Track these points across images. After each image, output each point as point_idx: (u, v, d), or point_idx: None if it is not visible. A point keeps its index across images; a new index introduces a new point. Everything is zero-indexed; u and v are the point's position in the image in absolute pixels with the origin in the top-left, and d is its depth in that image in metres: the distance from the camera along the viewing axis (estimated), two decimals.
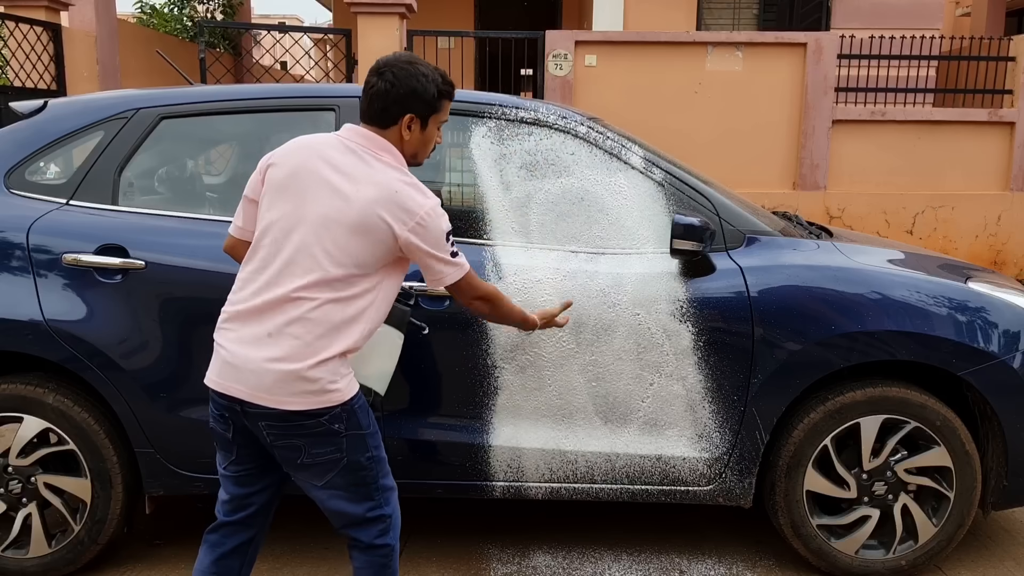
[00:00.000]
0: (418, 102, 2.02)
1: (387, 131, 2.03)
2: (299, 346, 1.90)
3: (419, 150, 2.10)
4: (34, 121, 2.82)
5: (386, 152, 2.01)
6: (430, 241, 1.96)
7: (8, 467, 2.67)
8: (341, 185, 1.94)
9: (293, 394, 1.91)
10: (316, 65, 9.37)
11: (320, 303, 1.91)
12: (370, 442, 2.03)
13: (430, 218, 1.95)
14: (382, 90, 2.01)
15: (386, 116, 2.02)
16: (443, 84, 2.06)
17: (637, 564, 2.95)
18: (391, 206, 1.92)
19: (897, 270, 2.82)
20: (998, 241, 7.52)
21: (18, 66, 6.81)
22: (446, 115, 2.12)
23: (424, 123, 2.05)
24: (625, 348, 2.66)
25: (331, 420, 1.95)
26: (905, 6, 9.31)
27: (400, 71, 2.01)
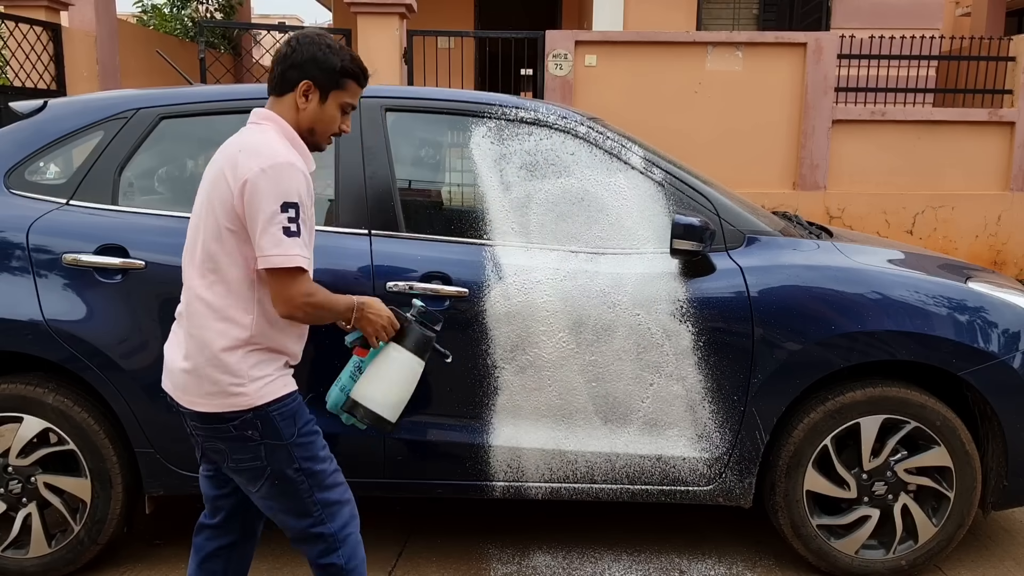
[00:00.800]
0: (316, 69, 1.92)
1: (282, 99, 1.95)
2: (192, 342, 1.87)
3: (316, 125, 1.97)
4: (34, 121, 2.82)
5: (267, 120, 1.93)
6: (253, 205, 1.77)
7: (8, 467, 2.67)
8: (213, 163, 1.90)
9: (200, 395, 1.88)
10: None
11: (197, 289, 1.87)
12: (296, 453, 1.92)
13: (261, 177, 1.77)
14: (282, 54, 1.96)
15: (283, 82, 1.94)
16: (351, 63, 1.97)
17: (637, 564, 2.94)
18: (231, 163, 1.82)
19: (897, 270, 2.82)
20: (998, 241, 7.52)
21: (18, 66, 6.81)
22: (352, 99, 2.01)
23: (323, 96, 1.95)
24: (625, 348, 2.66)
25: (241, 426, 1.87)
26: (905, 6, 9.31)
27: (305, 39, 1.95)
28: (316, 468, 1.96)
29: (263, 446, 1.90)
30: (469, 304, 2.64)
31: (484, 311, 2.63)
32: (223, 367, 1.85)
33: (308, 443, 1.95)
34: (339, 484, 2.02)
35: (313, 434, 1.98)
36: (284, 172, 1.79)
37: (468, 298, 2.63)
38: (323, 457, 1.99)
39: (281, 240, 1.79)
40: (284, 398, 1.92)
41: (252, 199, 1.78)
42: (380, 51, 7.15)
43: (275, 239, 1.78)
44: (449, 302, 2.63)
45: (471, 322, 2.64)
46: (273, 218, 1.78)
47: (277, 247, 1.79)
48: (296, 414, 1.94)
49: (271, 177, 1.78)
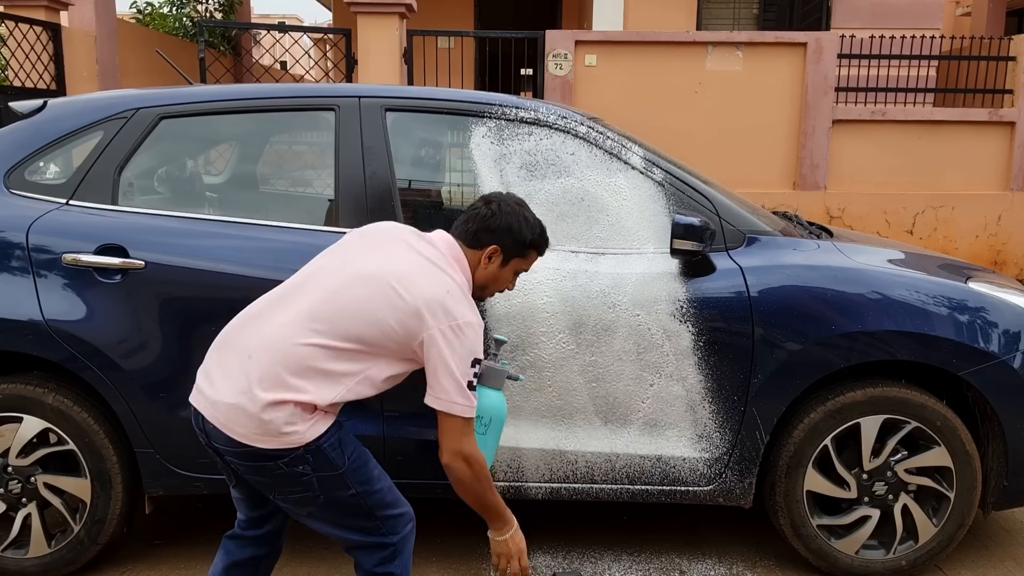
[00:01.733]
0: (509, 239, 2.06)
1: (470, 252, 2.07)
2: (258, 376, 1.83)
3: (489, 284, 2.11)
4: (34, 121, 2.82)
5: (458, 265, 2.02)
6: (454, 349, 1.88)
7: (8, 467, 2.67)
8: (405, 263, 1.93)
9: (247, 430, 1.82)
10: (316, 65, 9.37)
11: (300, 338, 1.84)
12: (351, 478, 1.93)
13: (468, 328, 1.90)
14: (483, 215, 2.06)
15: (474, 239, 2.06)
16: (539, 237, 2.12)
17: (637, 564, 2.94)
18: (434, 303, 1.88)
19: (897, 270, 2.82)
20: (998, 241, 7.52)
21: (18, 66, 6.81)
22: (528, 266, 2.16)
23: (506, 260, 2.09)
24: (625, 348, 2.66)
25: (292, 463, 1.85)
26: (905, 6, 9.31)
27: (507, 207, 2.08)
28: (374, 488, 1.98)
29: (315, 478, 1.89)
30: None
31: (483, 311, 2.63)
32: (275, 414, 1.82)
33: (360, 467, 1.96)
34: (398, 499, 2.05)
35: (364, 456, 1.99)
36: (478, 332, 1.92)
37: None
38: (377, 476, 2.00)
39: (467, 392, 1.91)
40: (330, 428, 1.91)
41: (450, 346, 1.87)
42: (380, 51, 7.16)
43: (461, 388, 1.89)
44: None
45: None
46: (464, 370, 1.89)
47: (462, 396, 1.90)
48: (343, 442, 1.94)
49: (471, 335, 1.90)
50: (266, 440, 1.83)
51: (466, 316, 1.90)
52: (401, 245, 1.99)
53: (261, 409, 1.80)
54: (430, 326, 1.86)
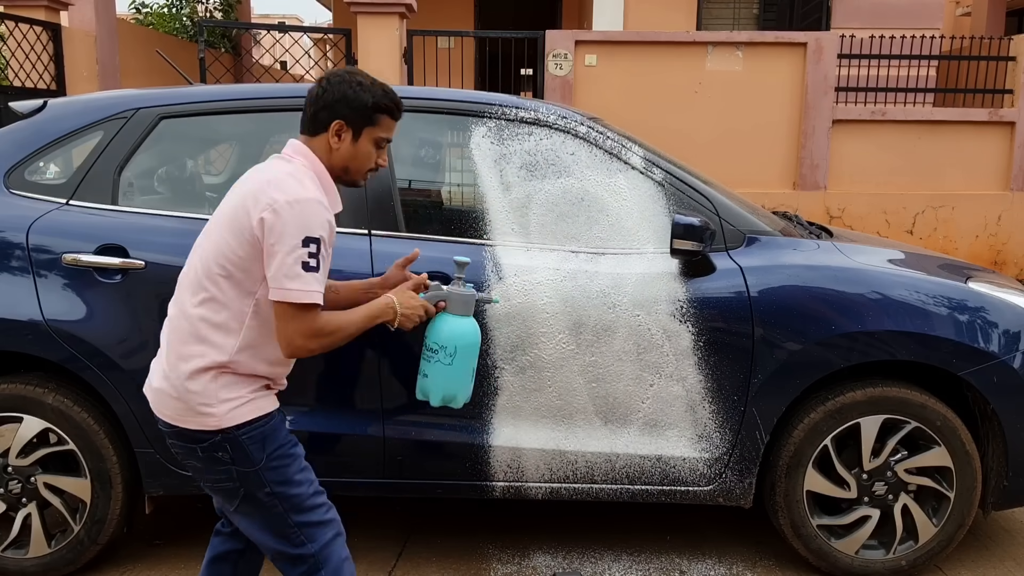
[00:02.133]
0: (348, 108, 1.91)
1: (315, 139, 1.94)
2: (172, 355, 1.86)
3: (350, 164, 1.96)
4: (34, 121, 2.82)
5: (299, 156, 1.92)
6: (276, 231, 1.76)
7: (8, 467, 2.67)
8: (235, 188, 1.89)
9: (172, 410, 1.86)
10: (316, 65, 9.37)
11: (186, 306, 1.85)
12: (268, 477, 1.86)
13: (286, 209, 1.76)
14: (314, 94, 1.94)
15: (315, 122, 1.93)
16: (384, 98, 1.95)
17: (637, 564, 2.94)
18: (256, 193, 1.81)
19: (897, 270, 2.82)
20: (998, 241, 7.52)
21: (18, 66, 6.81)
22: (387, 133, 1.99)
23: (356, 134, 1.94)
24: (625, 349, 2.66)
25: (210, 447, 1.84)
26: (905, 6, 9.31)
27: (335, 78, 1.93)
28: (291, 492, 1.90)
29: (234, 470, 1.86)
30: None
31: (484, 311, 2.63)
32: (194, 385, 1.83)
33: (281, 467, 1.89)
34: (319, 505, 1.95)
35: (287, 457, 1.91)
36: (309, 208, 1.78)
37: None
38: (299, 480, 1.92)
39: (299, 274, 1.77)
40: (254, 421, 1.86)
41: (273, 230, 1.76)
42: (380, 51, 7.16)
43: (293, 272, 1.76)
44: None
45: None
46: (293, 251, 1.76)
47: (294, 281, 1.77)
48: (267, 438, 1.88)
49: (296, 211, 1.77)
50: (187, 419, 1.84)
51: (294, 194, 1.78)
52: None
53: (179, 384, 1.83)
54: (252, 216, 1.78)
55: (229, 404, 1.84)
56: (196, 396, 1.83)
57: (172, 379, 1.85)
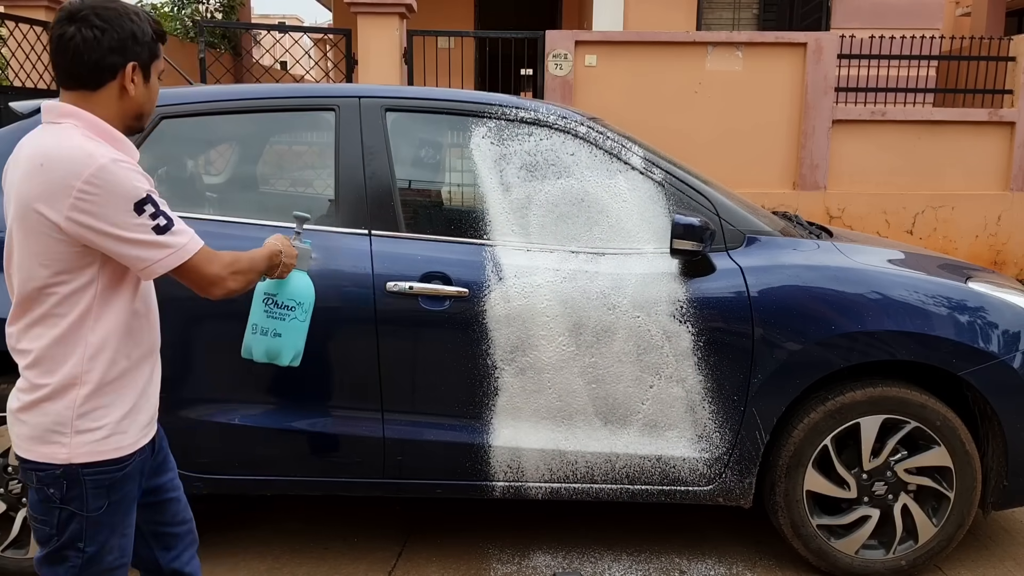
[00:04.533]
0: (139, 46, 1.60)
1: (98, 93, 1.59)
2: (21, 381, 1.60)
3: (144, 106, 1.67)
4: (34, 121, 2.82)
5: (69, 117, 1.57)
6: (107, 216, 1.49)
7: (8, 467, 2.67)
8: (11, 177, 1.59)
9: (10, 428, 1.62)
10: (316, 65, 9.37)
11: (19, 331, 1.59)
12: (88, 532, 1.61)
13: (98, 181, 1.47)
14: (89, 39, 1.54)
15: (98, 73, 1.57)
16: (155, 23, 1.66)
17: (637, 564, 2.94)
18: (40, 185, 1.48)
19: (897, 270, 2.82)
20: (998, 241, 7.52)
21: (18, 66, 6.81)
22: (163, 63, 1.72)
23: (147, 73, 1.64)
24: (625, 350, 2.66)
25: (46, 480, 1.59)
26: (905, 6, 9.31)
27: (107, 11, 1.57)
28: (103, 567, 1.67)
29: (60, 511, 1.63)
30: (469, 304, 2.64)
31: (484, 311, 2.63)
32: (46, 411, 1.60)
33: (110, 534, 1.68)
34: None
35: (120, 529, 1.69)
36: (117, 171, 1.51)
37: (468, 298, 2.63)
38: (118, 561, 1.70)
39: (159, 240, 1.56)
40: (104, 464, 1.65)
41: (93, 217, 1.49)
42: (380, 51, 7.16)
43: (153, 242, 1.55)
44: (450, 302, 2.63)
45: (471, 323, 2.64)
46: (133, 228, 1.52)
47: (162, 248, 1.56)
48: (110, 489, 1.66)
49: (106, 182, 1.49)
50: (24, 445, 1.61)
51: (82, 170, 1.47)
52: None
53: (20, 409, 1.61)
54: (58, 221, 1.48)
55: (82, 436, 1.61)
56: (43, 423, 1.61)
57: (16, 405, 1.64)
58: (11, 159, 1.63)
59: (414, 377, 2.69)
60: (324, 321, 2.64)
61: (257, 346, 2.27)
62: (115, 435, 1.64)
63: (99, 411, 1.61)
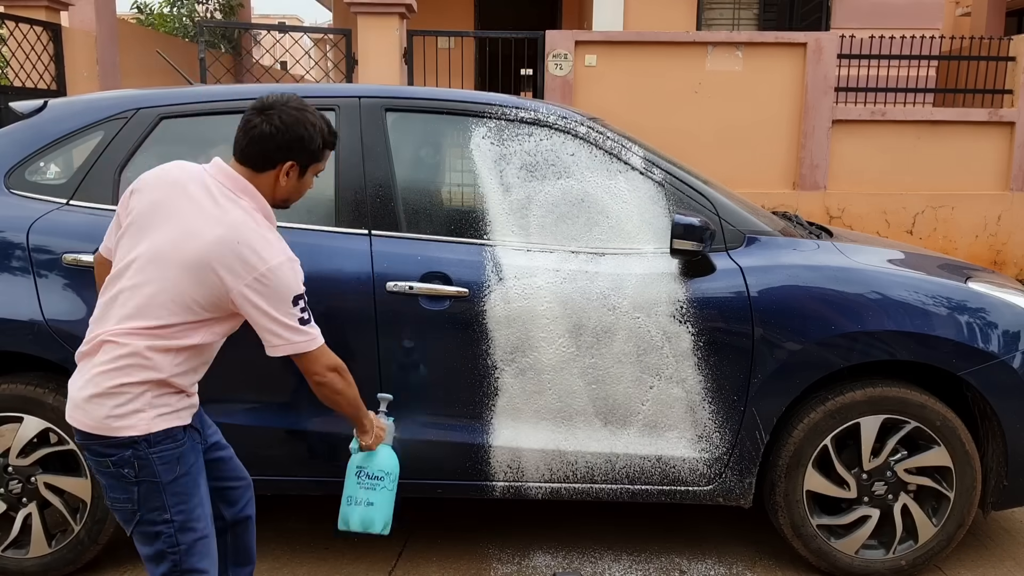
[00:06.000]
0: (302, 151, 1.95)
1: (261, 175, 1.94)
2: (101, 369, 1.81)
3: (291, 196, 2.02)
4: (34, 121, 2.82)
5: (246, 195, 1.91)
6: (271, 300, 1.84)
7: (8, 467, 2.67)
8: (187, 222, 1.84)
9: (86, 413, 1.82)
10: (316, 65, 9.37)
11: (131, 338, 1.82)
12: (170, 500, 1.85)
13: (273, 275, 1.82)
14: (266, 134, 1.90)
15: (264, 161, 1.93)
16: (328, 135, 2.01)
17: (637, 564, 2.95)
18: (228, 256, 1.80)
19: (897, 270, 2.82)
20: (998, 241, 7.52)
21: (18, 66, 6.81)
22: (324, 163, 2.06)
23: (303, 171, 1.99)
24: (625, 350, 2.66)
25: (119, 463, 1.82)
26: (905, 6, 9.31)
27: (288, 116, 1.91)
28: (189, 537, 1.91)
29: (138, 486, 1.87)
30: (469, 304, 2.64)
31: (484, 311, 2.64)
32: (123, 395, 1.83)
33: (186, 498, 1.92)
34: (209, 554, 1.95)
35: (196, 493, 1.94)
36: (287, 270, 1.86)
37: (468, 298, 2.64)
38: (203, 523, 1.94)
39: (300, 329, 1.90)
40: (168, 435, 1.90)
41: (261, 300, 1.83)
42: (380, 51, 7.16)
43: (294, 329, 1.89)
44: (449, 302, 2.63)
45: (471, 323, 2.64)
46: (288, 315, 1.87)
47: (300, 335, 1.90)
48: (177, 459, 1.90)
49: (279, 278, 1.84)
50: (96, 423, 1.83)
51: (271, 260, 1.82)
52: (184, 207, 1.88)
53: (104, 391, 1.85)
54: (231, 286, 1.81)
55: (145, 414, 1.83)
56: (115, 401, 1.81)
57: (99, 388, 1.82)
58: (168, 182, 1.91)
59: (414, 377, 2.69)
60: (324, 321, 2.64)
61: (353, 516, 2.38)
62: (176, 412, 1.89)
63: (168, 396, 1.87)
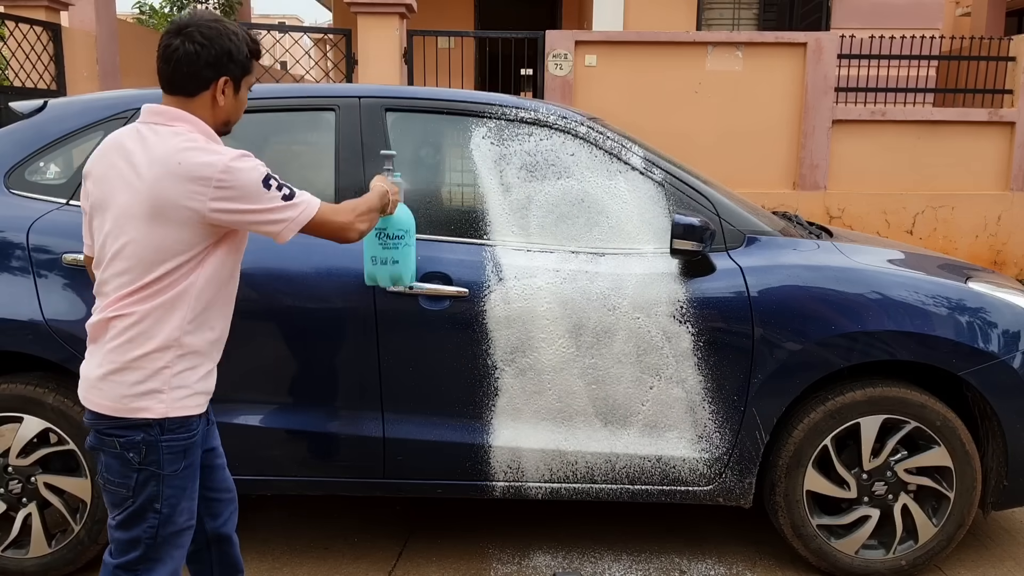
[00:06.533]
0: (232, 63, 1.83)
1: (194, 99, 1.82)
2: (111, 346, 1.79)
3: (231, 115, 1.91)
4: (34, 121, 2.82)
5: (179, 121, 1.80)
6: (243, 197, 1.74)
7: (8, 467, 2.67)
8: (128, 174, 1.75)
9: (102, 392, 1.80)
10: (316, 65, 9.37)
11: (131, 305, 1.77)
12: (164, 492, 1.82)
13: (229, 174, 1.73)
14: (191, 52, 1.78)
15: (196, 81, 1.81)
16: (252, 43, 1.89)
17: (637, 564, 2.95)
18: (179, 184, 1.71)
19: (897, 270, 2.82)
20: (998, 241, 7.52)
21: (18, 66, 6.81)
22: (254, 75, 1.95)
23: (237, 86, 1.88)
24: (625, 351, 2.66)
25: (127, 445, 1.79)
26: (905, 6, 9.31)
27: (209, 30, 1.80)
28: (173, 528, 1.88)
29: (139, 473, 1.84)
30: (469, 304, 2.64)
31: (484, 311, 2.64)
32: (140, 370, 1.80)
33: (183, 492, 1.89)
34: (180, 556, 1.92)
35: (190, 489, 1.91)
36: (241, 163, 1.77)
37: (468, 298, 2.64)
38: (190, 519, 1.92)
39: (289, 204, 1.81)
40: (180, 424, 1.87)
41: (236, 201, 1.75)
42: (380, 51, 7.16)
43: (284, 207, 1.80)
44: (450, 302, 2.63)
45: (471, 323, 2.64)
46: (267, 199, 1.78)
47: (293, 209, 1.82)
48: (186, 452, 1.88)
49: (236, 174, 1.74)
50: (110, 403, 1.81)
51: (215, 164, 1.72)
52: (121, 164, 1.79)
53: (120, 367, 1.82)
54: (201, 209, 1.72)
55: (162, 396, 1.80)
56: (131, 380, 1.78)
57: (115, 365, 1.80)
58: (105, 153, 1.82)
59: (414, 377, 2.69)
60: (324, 320, 2.65)
61: (381, 274, 2.40)
62: (196, 395, 1.85)
63: (187, 372, 1.83)
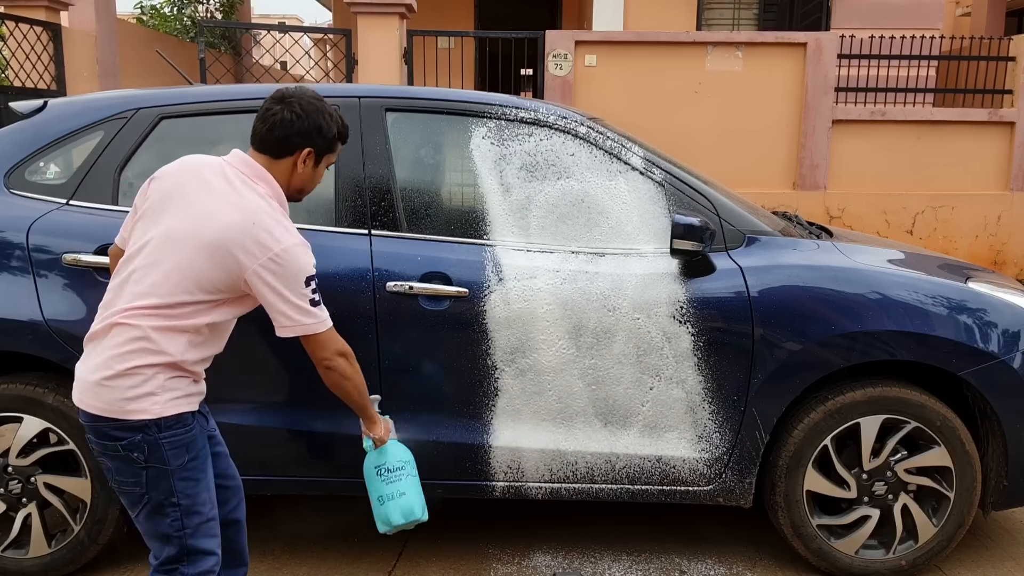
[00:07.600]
0: (320, 138, 2.04)
1: (278, 162, 2.03)
2: (113, 351, 1.88)
3: (306, 185, 2.11)
4: (34, 121, 2.82)
5: (262, 182, 1.99)
6: (283, 280, 1.91)
7: (8, 467, 2.67)
8: (204, 205, 1.91)
9: (97, 396, 1.88)
10: (316, 65, 9.37)
11: (143, 319, 1.88)
12: (177, 486, 1.91)
13: (287, 255, 1.90)
14: (287, 119, 2.00)
15: (284, 146, 2.01)
16: (343, 127, 2.12)
17: (637, 564, 2.95)
18: (244, 238, 1.87)
19: (897, 270, 2.82)
20: (998, 241, 7.52)
21: (18, 66, 6.81)
22: (336, 157, 2.17)
23: (318, 160, 2.08)
24: (625, 351, 2.66)
25: (129, 447, 1.88)
26: (905, 6, 9.31)
27: (308, 105, 2.02)
28: (194, 516, 1.96)
29: (147, 471, 1.92)
30: (469, 304, 2.64)
31: (484, 311, 2.64)
32: (135, 377, 1.90)
33: (197, 480, 1.98)
34: (214, 535, 2.01)
35: (202, 474, 2.00)
36: (299, 253, 1.92)
37: (468, 298, 2.64)
38: (210, 503, 2.00)
39: (310, 310, 1.96)
40: (178, 421, 1.97)
41: (274, 281, 1.90)
42: (380, 51, 7.16)
43: (303, 310, 1.95)
44: (450, 302, 2.63)
45: (471, 322, 2.64)
46: (299, 296, 1.93)
47: (308, 316, 1.96)
48: (187, 444, 1.96)
49: (291, 259, 1.90)
50: (106, 406, 1.91)
51: (285, 242, 1.90)
52: (197, 191, 1.95)
53: (116, 374, 1.92)
54: (243, 264, 1.87)
55: (158, 397, 1.88)
56: (127, 384, 1.87)
57: (110, 371, 1.89)
58: (183, 170, 2.00)
59: (414, 377, 2.69)
60: None
61: (392, 511, 2.37)
62: (188, 396, 1.96)
63: (179, 378, 1.93)
